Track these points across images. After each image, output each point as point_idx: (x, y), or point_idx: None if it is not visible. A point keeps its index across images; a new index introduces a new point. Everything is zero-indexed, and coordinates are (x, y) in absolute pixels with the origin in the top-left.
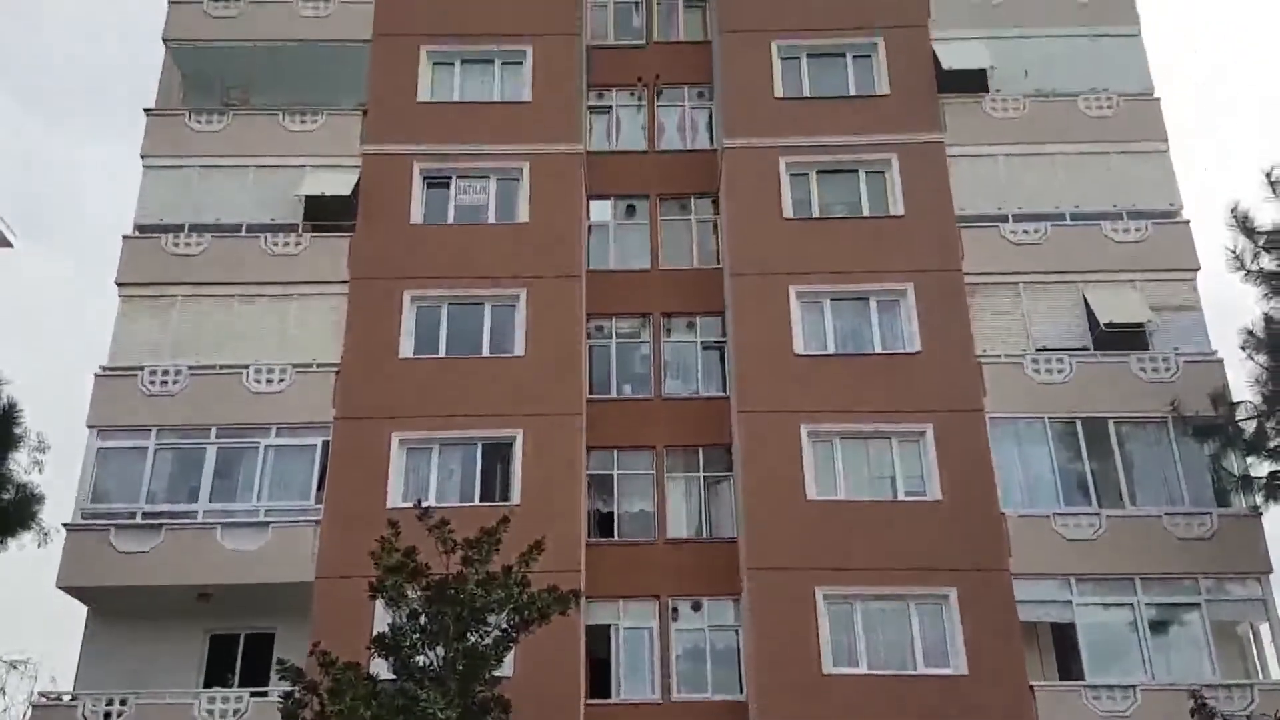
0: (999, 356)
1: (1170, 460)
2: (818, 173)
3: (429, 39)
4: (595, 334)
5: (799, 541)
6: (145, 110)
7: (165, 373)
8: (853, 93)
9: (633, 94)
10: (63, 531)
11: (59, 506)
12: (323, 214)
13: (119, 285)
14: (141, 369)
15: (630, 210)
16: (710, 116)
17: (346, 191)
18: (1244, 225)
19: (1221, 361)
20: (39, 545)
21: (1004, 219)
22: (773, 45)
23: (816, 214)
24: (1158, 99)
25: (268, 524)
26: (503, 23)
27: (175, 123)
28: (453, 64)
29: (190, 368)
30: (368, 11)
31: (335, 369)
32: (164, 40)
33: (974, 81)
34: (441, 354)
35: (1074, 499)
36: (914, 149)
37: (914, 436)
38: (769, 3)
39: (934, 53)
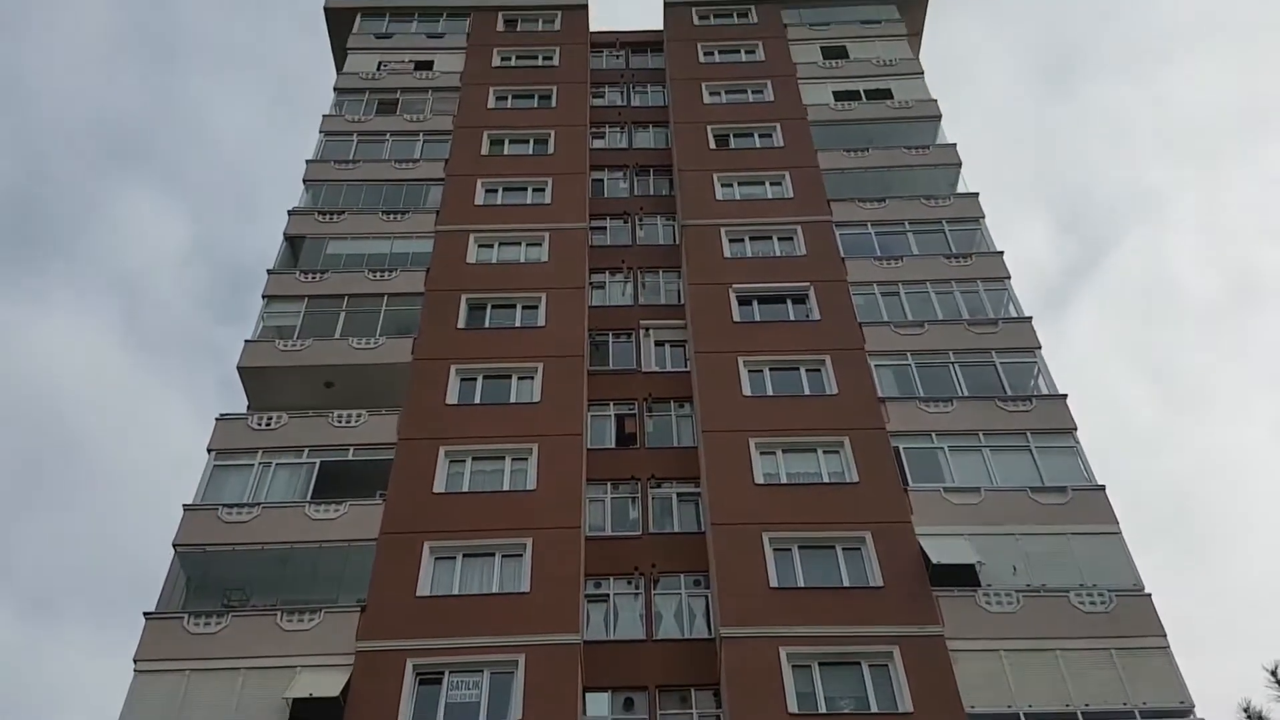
0: None
1: None
2: (820, 664)
3: (433, 535)
4: None
5: None
6: (145, 614)
7: None
8: (846, 584)
9: (630, 582)
10: None
11: None
12: (310, 716)
13: None
14: None
15: (629, 704)
16: (708, 604)
17: (335, 693)
18: None
19: None
20: None
21: (1015, 718)
22: (764, 536)
23: (823, 709)
24: (1149, 594)
25: None
26: (504, 520)
27: (173, 626)
28: (454, 558)
29: None
30: (376, 512)
31: None
32: (174, 545)
33: (965, 576)
34: None
35: None
36: (915, 642)
37: None
38: (758, 499)
39: (922, 548)
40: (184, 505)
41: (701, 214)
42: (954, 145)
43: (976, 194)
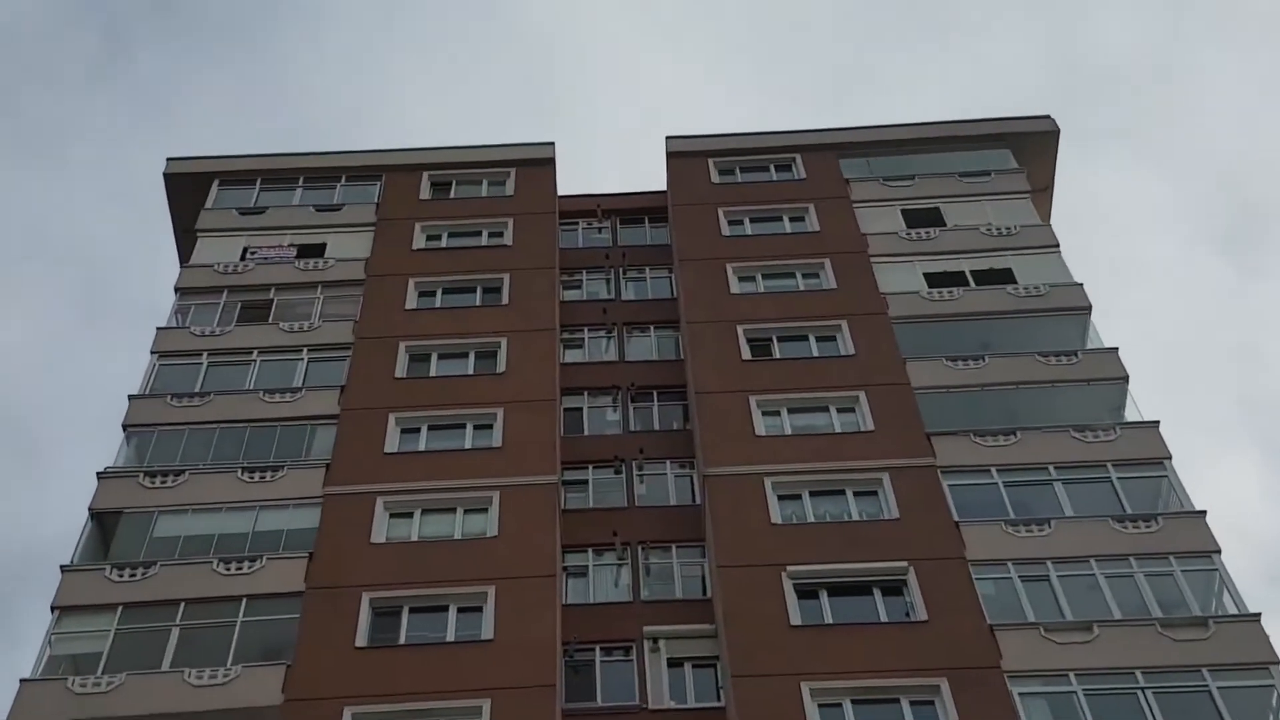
0: None
1: None
2: None
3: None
4: None
5: None
6: None
7: None
8: None
9: None
10: None
11: None
12: None
13: None
14: None
15: None
16: None
17: None
18: None
19: None
20: None
21: None
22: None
23: None
24: None
25: None
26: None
27: None
28: None
29: None
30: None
31: None
32: None
33: None
34: None
35: None
36: None
37: None
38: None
39: None
40: None
41: (734, 458)
42: (1115, 350)
43: (1156, 423)
